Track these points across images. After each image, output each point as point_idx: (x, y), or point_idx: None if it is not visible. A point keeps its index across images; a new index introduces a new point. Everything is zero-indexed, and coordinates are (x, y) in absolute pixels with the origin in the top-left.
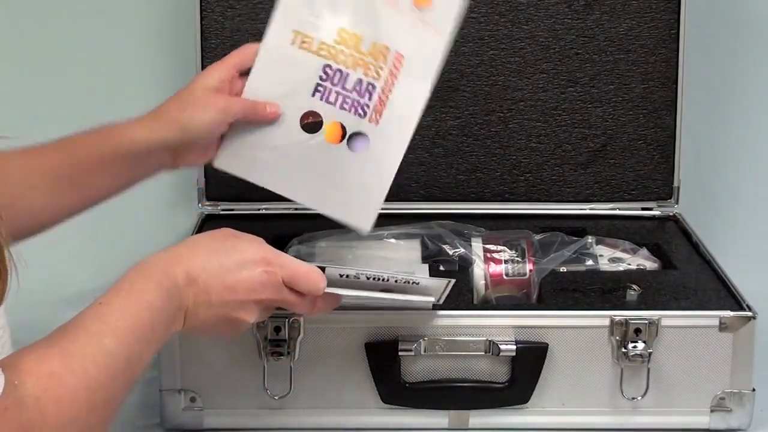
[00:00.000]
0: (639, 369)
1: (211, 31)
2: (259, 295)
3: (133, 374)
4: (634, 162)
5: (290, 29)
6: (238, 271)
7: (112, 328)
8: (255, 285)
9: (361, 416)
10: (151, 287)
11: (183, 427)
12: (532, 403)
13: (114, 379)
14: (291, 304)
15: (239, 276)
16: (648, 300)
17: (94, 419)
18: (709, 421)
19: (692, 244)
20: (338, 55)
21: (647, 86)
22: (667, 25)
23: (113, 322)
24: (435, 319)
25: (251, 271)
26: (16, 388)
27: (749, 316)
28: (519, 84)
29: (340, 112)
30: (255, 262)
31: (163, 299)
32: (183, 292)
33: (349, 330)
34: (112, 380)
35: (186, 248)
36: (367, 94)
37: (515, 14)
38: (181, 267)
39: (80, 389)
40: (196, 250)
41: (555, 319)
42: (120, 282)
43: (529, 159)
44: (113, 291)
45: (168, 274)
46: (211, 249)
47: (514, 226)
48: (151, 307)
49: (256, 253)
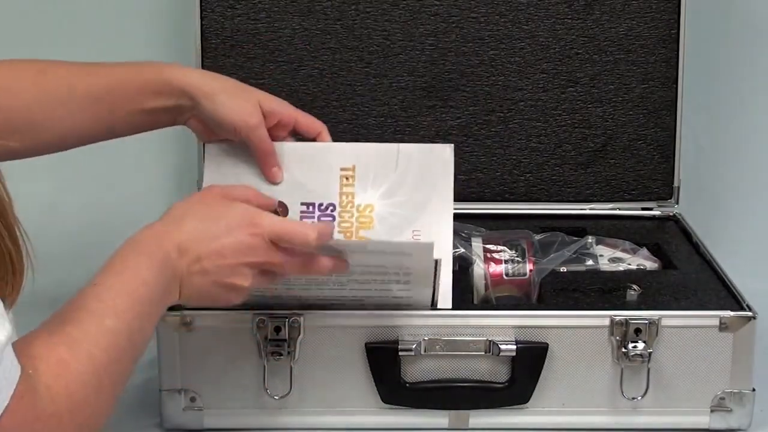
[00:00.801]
0: (639, 369)
1: (211, 31)
2: (248, 257)
3: (136, 350)
4: (634, 162)
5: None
6: (225, 235)
7: (111, 307)
8: (242, 248)
9: (361, 416)
10: (143, 262)
11: (183, 427)
12: (532, 403)
13: (118, 359)
14: (281, 265)
15: (226, 241)
16: (648, 300)
17: (103, 399)
18: (709, 421)
19: (692, 244)
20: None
21: (647, 86)
22: (667, 25)
23: (111, 300)
24: (435, 319)
25: (237, 235)
26: (30, 377)
27: (749, 316)
28: (519, 84)
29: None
30: (240, 225)
31: (156, 273)
32: (176, 263)
33: (349, 330)
34: (117, 360)
35: (174, 219)
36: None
37: (515, 14)
38: (171, 238)
39: (87, 373)
40: (185, 220)
41: (555, 319)
42: (112, 260)
43: (529, 159)
44: (107, 270)
45: (160, 247)
46: (199, 217)
47: (514, 226)
48: (147, 282)
49: (243, 217)
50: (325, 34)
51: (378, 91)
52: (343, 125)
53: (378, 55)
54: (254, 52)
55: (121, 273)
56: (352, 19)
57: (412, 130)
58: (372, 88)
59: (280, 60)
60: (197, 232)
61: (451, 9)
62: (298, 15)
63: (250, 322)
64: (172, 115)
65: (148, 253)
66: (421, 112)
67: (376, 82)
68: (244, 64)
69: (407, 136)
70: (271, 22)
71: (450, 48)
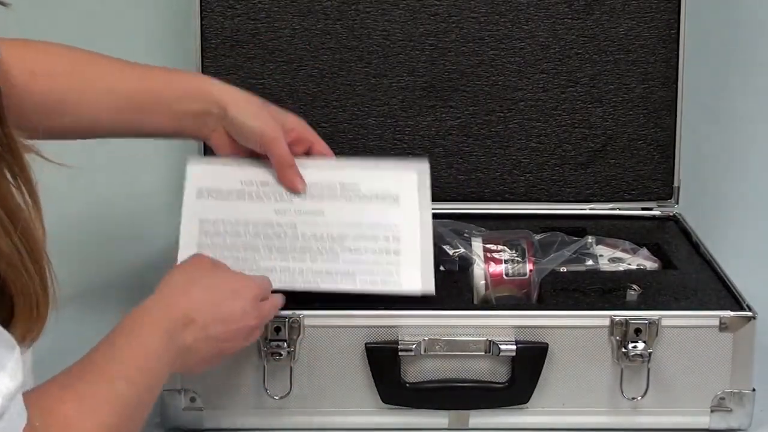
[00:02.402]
0: (639, 369)
1: (211, 31)
2: (247, 321)
3: (140, 417)
4: (634, 162)
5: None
6: (230, 303)
7: (123, 373)
8: (239, 314)
9: (361, 416)
10: (156, 333)
11: (183, 427)
12: (532, 403)
13: (120, 423)
14: (273, 311)
15: (231, 308)
16: (648, 300)
17: None
18: (709, 421)
19: (692, 244)
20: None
21: (647, 86)
22: (667, 25)
23: (122, 365)
24: (435, 319)
25: (237, 302)
26: (36, 429)
27: (749, 316)
28: (519, 84)
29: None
30: (236, 291)
31: (166, 345)
32: (182, 335)
33: (349, 330)
34: (120, 423)
35: (180, 290)
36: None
37: (515, 14)
38: (179, 310)
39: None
40: (191, 291)
41: (555, 319)
42: (124, 325)
43: (529, 159)
44: (120, 334)
45: (169, 319)
46: (203, 286)
47: (514, 226)
48: (157, 353)
49: (238, 284)
50: (325, 34)
51: (378, 91)
52: (343, 125)
53: (378, 55)
54: (254, 52)
55: (135, 340)
56: (352, 19)
57: (412, 130)
58: (372, 88)
59: (280, 60)
60: (204, 301)
61: (451, 9)
62: (298, 15)
63: None
64: (199, 122)
65: (159, 326)
66: (421, 112)
67: (376, 82)
68: (244, 64)
69: (407, 135)
70: (271, 22)
71: (450, 48)
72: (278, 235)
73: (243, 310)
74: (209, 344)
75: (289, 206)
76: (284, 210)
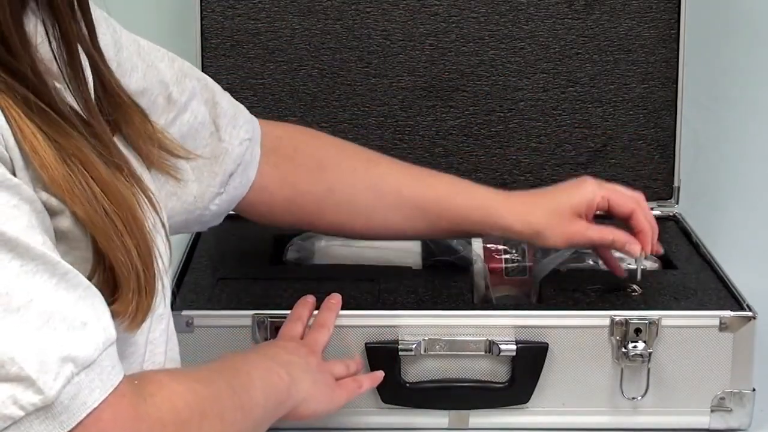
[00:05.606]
0: (639, 369)
1: (211, 31)
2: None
3: (231, 418)
4: (634, 162)
5: None
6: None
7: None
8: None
9: (361, 416)
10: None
11: None
12: (532, 403)
13: (221, 412)
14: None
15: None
16: (648, 300)
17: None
18: (709, 421)
19: (692, 244)
20: None
21: (647, 86)
22: (667, 25)
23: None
24: (435, 319)
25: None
26: (134, 385)
27: (749, 316)
28: (519, 84)
29: None
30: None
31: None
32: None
33: (349, 330)
34: (211, 398)
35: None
36: None
37: (515, 14)
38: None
39: (192, 400)
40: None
41: (555, 319)
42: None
43: (529, 159)
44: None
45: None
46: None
47: None
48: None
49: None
50: (325, 34)
51: (378, 91)
52: (343, 125)
53: (378, 55)
54: (254, 52)
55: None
56: (352, 19)
57: (412, 130)
58: (372, 88)
59: (280, 60)
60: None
61: (451, 9)
62: (298, 15)
63: (250, 322)
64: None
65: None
66: (421, 112)
67: (376, 82)
68: (244, 64)
69: (407, 135)
70: (271, 22)
71: (450, 48)
72: None
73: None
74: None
75: None
76: None
